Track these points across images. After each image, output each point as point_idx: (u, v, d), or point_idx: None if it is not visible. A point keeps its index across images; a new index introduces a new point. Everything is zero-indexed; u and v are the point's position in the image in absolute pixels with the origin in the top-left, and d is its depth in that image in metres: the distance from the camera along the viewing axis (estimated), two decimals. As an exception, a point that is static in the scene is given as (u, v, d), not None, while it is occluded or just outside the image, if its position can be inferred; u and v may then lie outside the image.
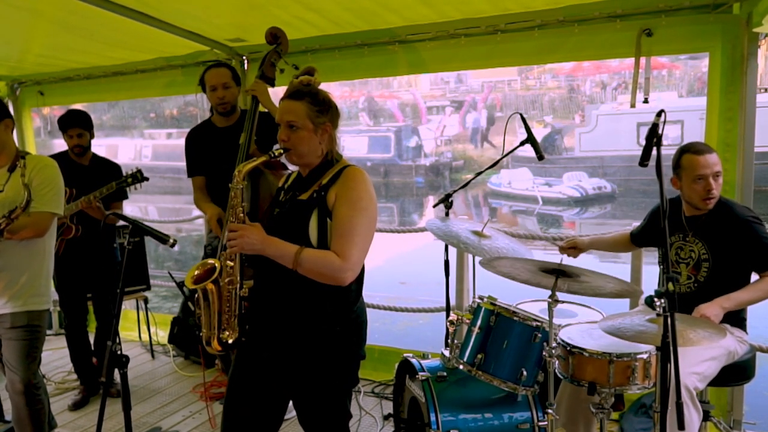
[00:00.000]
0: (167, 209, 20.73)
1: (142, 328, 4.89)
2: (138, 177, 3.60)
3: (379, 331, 7.67)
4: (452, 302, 3.31)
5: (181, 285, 3.62)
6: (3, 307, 2.68)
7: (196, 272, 2.06)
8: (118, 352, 2.30)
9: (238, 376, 2.12)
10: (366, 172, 2.03)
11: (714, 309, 2.46)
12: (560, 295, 2.43)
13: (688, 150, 2.64)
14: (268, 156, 1.99)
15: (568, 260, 2.39)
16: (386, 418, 3.49)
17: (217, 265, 2.02)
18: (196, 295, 2.05)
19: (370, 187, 2.00)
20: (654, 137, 1.95)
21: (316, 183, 2.01)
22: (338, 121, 2.06)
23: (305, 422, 2.15)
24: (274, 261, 1.93)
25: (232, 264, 2.02)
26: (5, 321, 2.69)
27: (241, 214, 2.00)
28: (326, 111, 2.01)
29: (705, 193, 2.59)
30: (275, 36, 3.07)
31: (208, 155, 3.35)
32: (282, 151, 1.99)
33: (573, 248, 3.08)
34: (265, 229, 1.96)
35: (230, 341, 2.02)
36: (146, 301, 4.71)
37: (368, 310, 2.17)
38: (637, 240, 3.06)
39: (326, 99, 2.02)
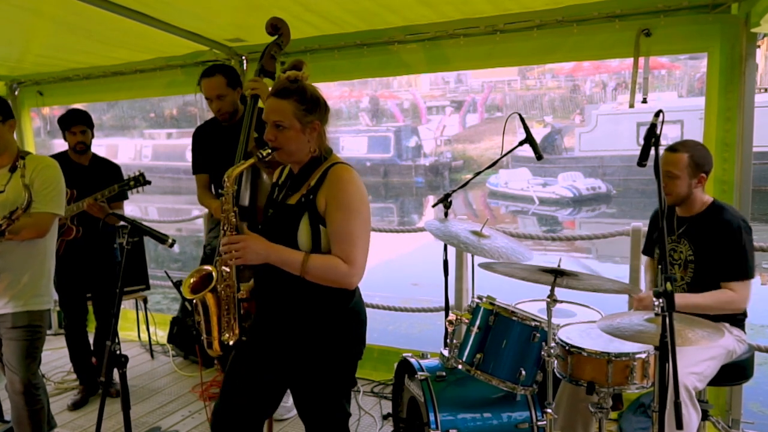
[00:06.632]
0: (167, 209, 20.72)
1: (142, 328, 4.90)
2: (140, 180, 3.59)
3: (394, 333, 7.61)
4: (451, 302, 3.31)
5: (178, 285, 3.62)
6: (4, 307, 2.68)
7: (192, 280, 2.07)
8: (118, 352, 2.31)
9: (236, 367, 2.10)
10: (353, 169, 1.97)
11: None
12: (559, 295, 2.43)
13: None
14: (256, 158, 1.94)
15: (566, 262, 2.38)
16: (385, 417, 3.49)
17: (213, 272, 2.02)
18: (194, 302, 2.05)
19: (359, 186, 1.94)
20: (652, 137, 1.95)
21: (304, 185, 1.97)
22: (328, 117, 2.00)
23: (305, 416, 2.11)
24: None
25: (228, 270, 2.01)
26: (6, 321, 2.69)
27: (234, 220, 1.96)
28: (314, 109, 1.94)
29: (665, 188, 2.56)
30: (275, 27, 2.85)
31: (212, 153, 3.36)
32: (270, 151, 1.94)
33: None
34: (263, 230, 1.96)
35: (230, 342, 2.03)
36: (145, 301, 4.71)
37: (373, 312, 2.14)
38: (649, 252, 3.00)
39: (314, 96, 1.95)
